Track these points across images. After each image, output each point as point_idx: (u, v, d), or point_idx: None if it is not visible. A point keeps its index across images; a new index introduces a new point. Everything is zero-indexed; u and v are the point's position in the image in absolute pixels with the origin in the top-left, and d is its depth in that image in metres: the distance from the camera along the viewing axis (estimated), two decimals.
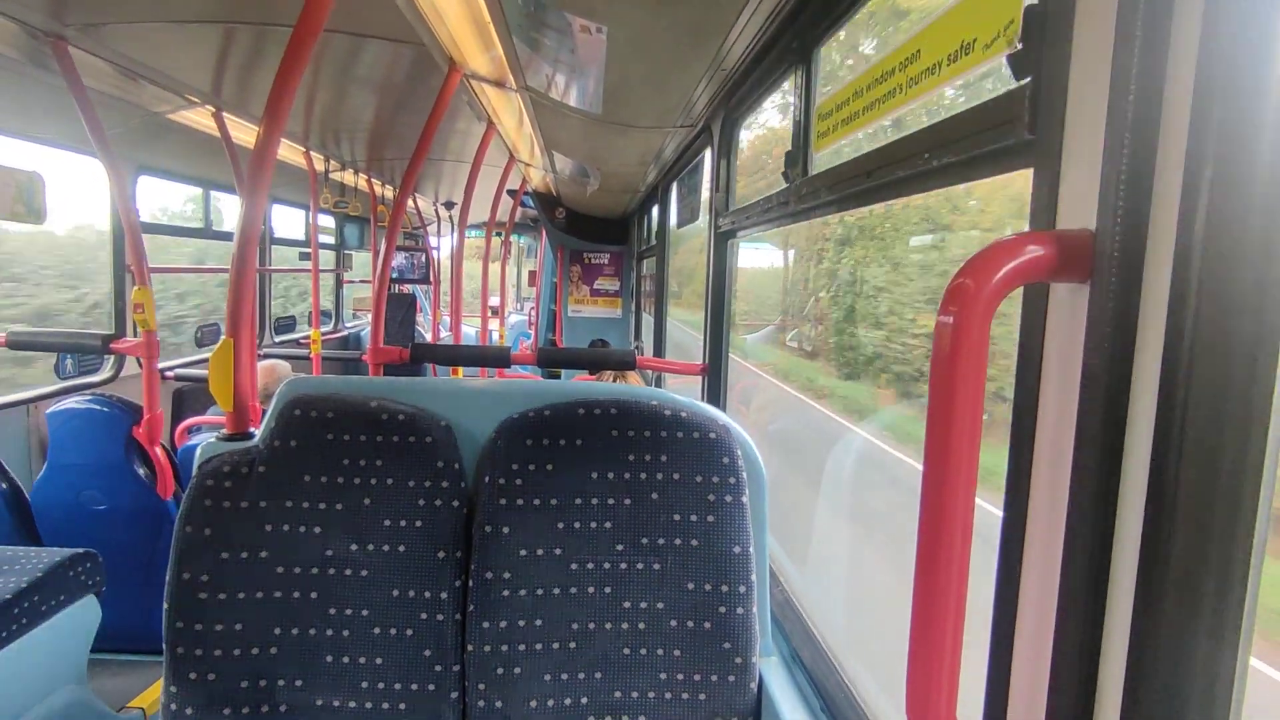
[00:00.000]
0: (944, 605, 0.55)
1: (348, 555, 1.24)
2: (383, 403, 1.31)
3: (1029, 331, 0.62)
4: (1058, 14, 0.60)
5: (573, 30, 1.56)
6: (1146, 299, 0.51)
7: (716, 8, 1.39)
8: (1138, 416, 0.51)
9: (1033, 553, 0.62)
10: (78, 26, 2.18)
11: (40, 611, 2.00)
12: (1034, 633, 0.61)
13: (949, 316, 0.53)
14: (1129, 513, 0.52)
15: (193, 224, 4.80)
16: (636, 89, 2.05)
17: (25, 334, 2.74)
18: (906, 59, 0.94)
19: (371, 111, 3.42)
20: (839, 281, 3.49)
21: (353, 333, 7.49)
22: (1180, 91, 0.48)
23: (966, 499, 0.53)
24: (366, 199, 5.95)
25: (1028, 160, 0.65)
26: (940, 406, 0.54)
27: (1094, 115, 0.55)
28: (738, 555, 1.25)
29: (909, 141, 0.91)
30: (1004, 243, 0.55)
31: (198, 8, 2.05)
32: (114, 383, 3.69)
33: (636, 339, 6.00)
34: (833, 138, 1.25)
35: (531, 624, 1.23)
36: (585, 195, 4.84)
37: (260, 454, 1.27)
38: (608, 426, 1.29)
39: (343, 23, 2.05)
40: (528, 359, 2.64)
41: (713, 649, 1.24)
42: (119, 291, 3.69)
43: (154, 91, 2.86)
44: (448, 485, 1.28)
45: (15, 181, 3.03)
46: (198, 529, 1.23)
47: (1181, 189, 0.48)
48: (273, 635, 1.22)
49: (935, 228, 2.48)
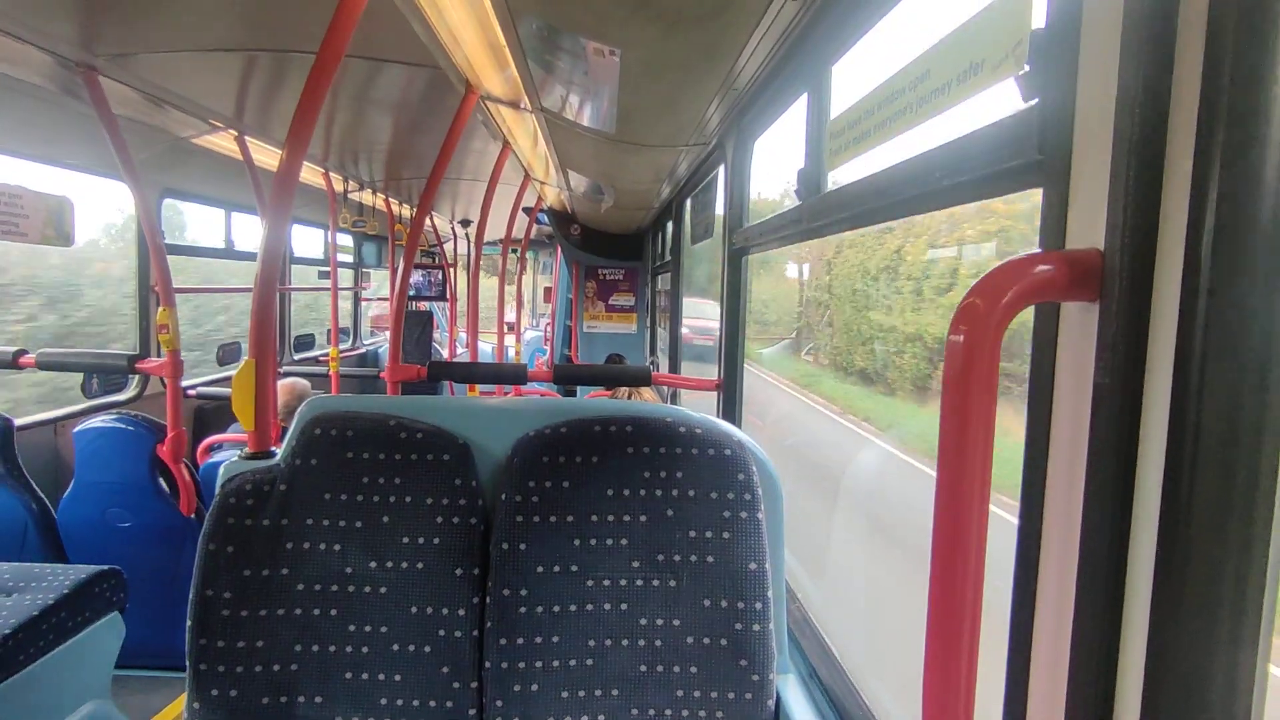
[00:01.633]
0: (959, 620, 0.55)
1: (367, 573, 1.25)
2: (401, 421, 1.33)
3: (1040, 349, 0.63)
4: (1064, 36, 0.61)
5: (586, 54, 1.59)
6: (1156, 317, 0.51)
7: (728, 30, 1.41)
8: (1150, 434, 0.52)
9: (1048, 567, 0.62)
10: (107, 56, 2.25)
11: (67, 628, 2.03)
12: (1051, 647, 0.61)
13: (959, 335, 0.54)
14: (1143, 527, 0.52)
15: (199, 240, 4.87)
16: (649, 109, 2.07)
17: (54, 355, 2.81)
18: (916, 78, 0.95)
19: (389, 133, 3.48)
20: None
21: (370, 350, 7.56)
22: (1185, 112, 0.49)
23: (980, 515, 0.54)
24: (384, 218, 6.03)
25: (1037, 180, 0.66)
26: (952, 425, 0.54)
27: (1101, 135, 0.56)
28: (754, 572, 1.25)
29: (921, 160, 0.92)
30: (1014, 262, 0.56)
31: (223, 36, 2.11)
32: (138, 401, 3.76)
33: (652, 354, 6.01)
34: (845, 156, 1.26)
35: (548, 641, 1.23)
36: (600, 212, 4.87)
37: (281, 473, 1.29)
38: (623, 444, 1.30)
39: (362, 48, 2.09)
40: (544, 376, 2.65)
41: (729, 666, 1.23)
42: (143, 312, 3.77)
43: (179, 117, 2.93)
44: (465, 503, 1.29)
45: (46, 207, 3.12)
46: (220, 547, 1.25)
47: (1189, 208, 0.48)
48: (293, 652, 1.23)
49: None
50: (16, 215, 2.98)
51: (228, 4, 1.88)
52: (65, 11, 1.93)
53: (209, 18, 1.98)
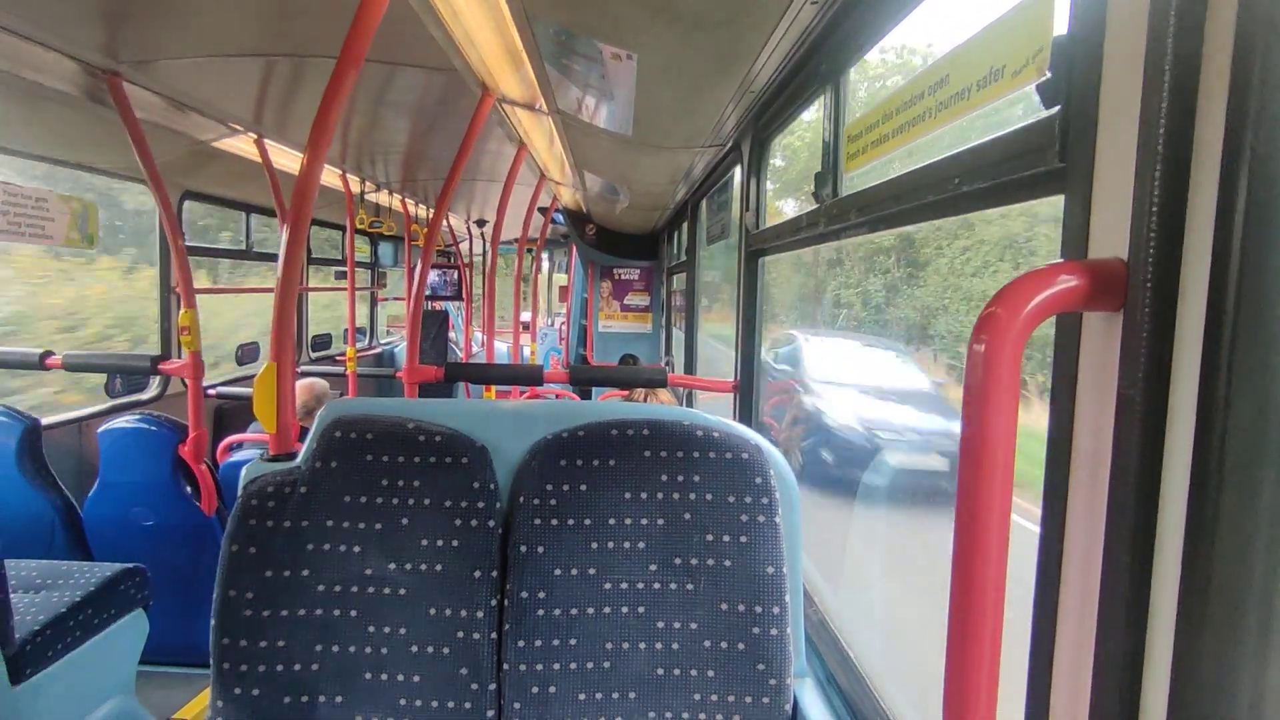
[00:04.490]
0: (980, 629, 0.54)
1: (386, 574, 1.27)
2: (420, 425, 1.34)
3: (1062, 359, 0.62)
4: (1086, 44, 0.61)
5: (603, 57, 1.59)
6: (1181, 328, 0.51)
7: (746, 33, 1.41)
8: (1175, 446, 0.51)
9: (1070, 580, 0.61)
10: (131, 63, 2.28)
11: (92, 625, 2.07)
12: (1073, 660, 0.61)
13: (980, 345, 0.53)
14: (1168, 540, 0.52)
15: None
16: (666, 111, 2.08)
17: (79, 356, 2.85)
18: (935, 83, 0.95)
19: (406, 135, 3.50)
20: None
21: (386, 349, 7.62)
22: (1211, 120, 0.48)
23: (1001, 526, 0.54)
24: (400, 218, 6.07)
25: (1059, 187, 0.65)
26: (973, 434, 0.54)
27: (1125, 144, 0.55)
28: (771, 576, 1.25)
29: (940, 166, 0.91)
30: (1036, 273, 0.56)
31: (244, 42, 2.14)
32: (160, 401, 3.82)
33: (667, 354, 6.01)
34: (862, 159, 1.25)
35: (566, 643, 1.24)
36: (615, 212, 4.88)
37: (302, 475, 1.31)
38: (640, 447, 1.30)
39: (380, 53, 2.11)
40: (560, 377, 2.65)
41: (747, 670, 1.23)
42: (165, 313, 3.82)
43: (200, 121, 2.97)
44: (483, 505, 1.30)
45: (70, 210, 3.18)
46: (243, 548, 1.27)
47: (1215, 218, 0.48)
48: (314, 652, 1.25)
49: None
50: (43, 218, 3.04)
51: (249, 11, 1.91)
52: (91, 20, 1.96)
53: (231, 24, 2.00)
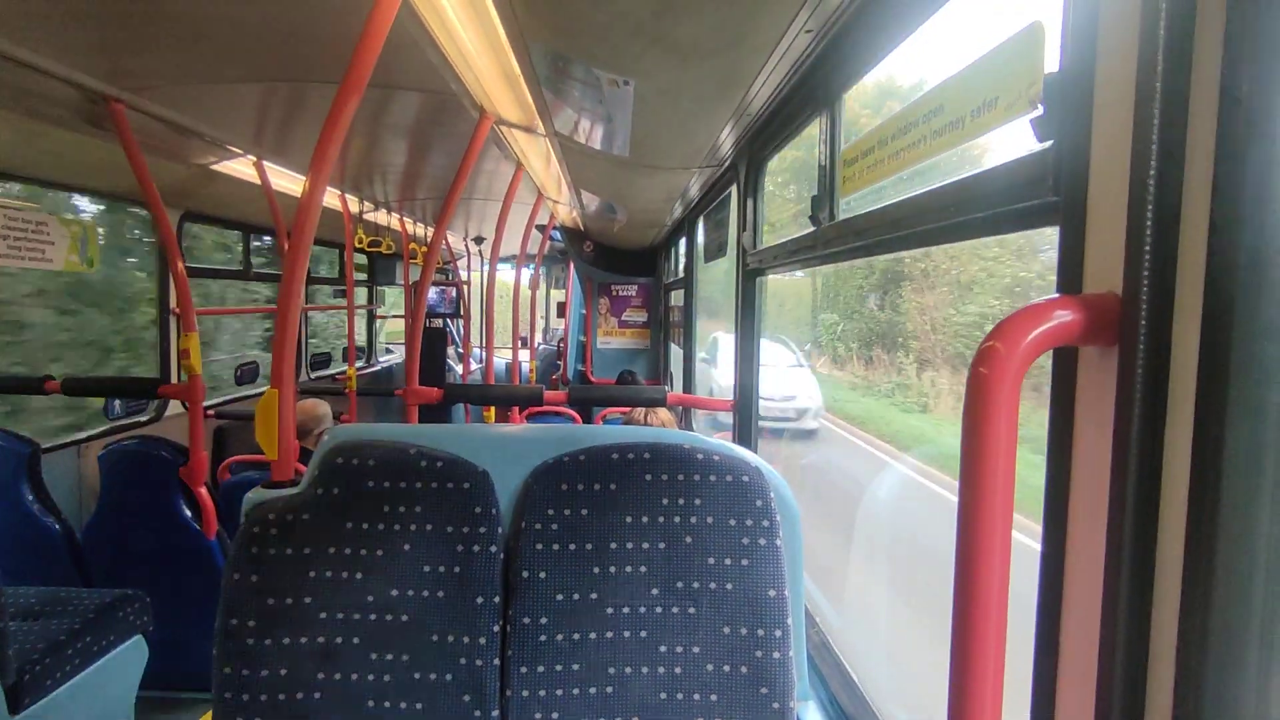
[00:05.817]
0: (983, 655, 0.54)
1: (388, 601, 1.27)
2: (422, 450, 1.34)
3: (1060, 392, 0.63)
4: (1078, 81, 0.62)
5: (600, 83, 1.61)
6: (1176, 363, 0.51)
7: (743, 60, 1.43)
8: (1172, 481, 0.52)
9: (1071, 614, 0.62)
10: (132, 89, 2.30)
11: (91, 652, 2.06)
12: (1075, 699, 0.61)
13: (979, 380, 0.54)
14: (1167, 572, 0.52)
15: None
16: (663, 134, 2.10)
17: (79, 380, 2.85)
18: (930, 111, 0.96)
19: (405, 156, 3.53)
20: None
21: (384, 368, 7.61)
22: (1202, 155, 0.49)
23: (1002, 564, 0.54)
24: (399, 237, 6.09)
25: (1052, 220, 0.66)
26: (972, 468, 0.54)
27: (1117, 179, 0.56)
28: (773, 599, 1.25)
29: (936, 195, 0.92)
30: (1033, 306, 0.56)
31: (243, 68, 2.16)
32: (158, 422, 3.81)
33: (664, 371, 6.01)
34: (857, 184, 1.27)
35: (569, 668, 1.24)
36: (613, 230, 4.90)
37: (304, 501, 1.31)
38: (641, 470, 1.30)
39: (380, 76, 2.13)
40: (559, 398, 2.66)
41: (750, 693, 1.23)
42: (163, 335, 3.83)
43: (200, 144, 2.99)
44: (485, 531, 1.30)
45: (70, 233, 3.19)
46: (245, 575, 1.27)
47: (1207, 251, 0.48)
48: (316, 680, 1.24)
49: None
50: (43, 242, 3.05)
51: (250, 38, 1.93)
52: (94, 47, 1.98)
53: (232, 51, 2.02)
